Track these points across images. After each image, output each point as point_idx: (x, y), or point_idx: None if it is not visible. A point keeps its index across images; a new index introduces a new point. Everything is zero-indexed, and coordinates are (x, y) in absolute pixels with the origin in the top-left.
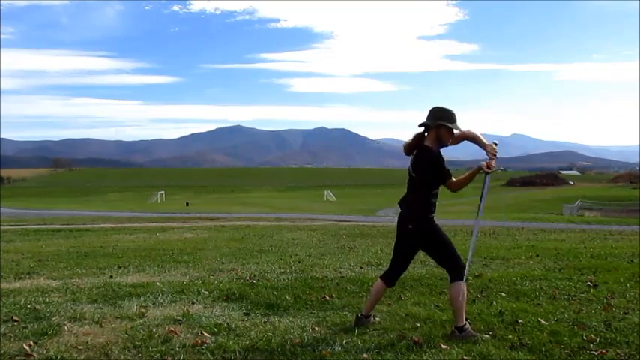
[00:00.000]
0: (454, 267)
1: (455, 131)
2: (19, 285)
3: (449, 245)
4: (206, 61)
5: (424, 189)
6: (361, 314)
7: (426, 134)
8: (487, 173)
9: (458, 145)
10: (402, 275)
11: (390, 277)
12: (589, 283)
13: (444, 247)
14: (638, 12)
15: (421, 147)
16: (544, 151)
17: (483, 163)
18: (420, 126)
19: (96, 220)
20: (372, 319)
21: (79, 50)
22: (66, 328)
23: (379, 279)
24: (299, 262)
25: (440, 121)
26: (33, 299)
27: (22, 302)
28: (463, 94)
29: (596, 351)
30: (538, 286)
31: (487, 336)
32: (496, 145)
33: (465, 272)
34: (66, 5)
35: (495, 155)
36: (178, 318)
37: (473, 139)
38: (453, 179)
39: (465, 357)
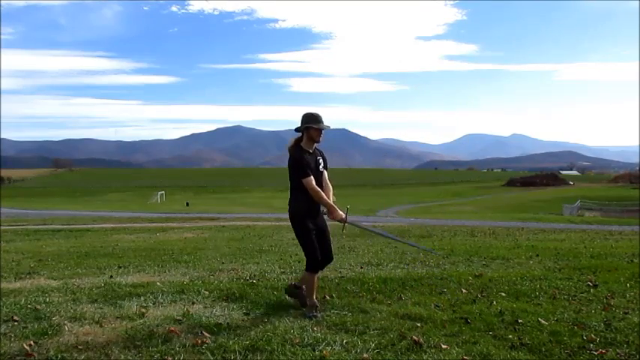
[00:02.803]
0: (306, 256)
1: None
2: (19, 285)
3: (305, 237)
4: (205, 61)
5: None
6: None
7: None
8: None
9: (458, 146)
10: (402, 275)
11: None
12: (589, 283)
13: (301, 237)
14: (638, 12)
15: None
16: (544, 151)
17: (335, 213)
18: (296, 130)
19: (96, 220)
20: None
21: (78, 50)
22: (66, 328)
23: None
24: (299, 262)
25: (307, 124)
26: (33, 299)
27: (22, 302)
28: (463, 94)
29: (596, 351)
30: (538, 286)
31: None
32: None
33: (316, 263)
34: (65, 6)
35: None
36: (178, 318)
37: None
38: (311, 182)
39: (465, 357)
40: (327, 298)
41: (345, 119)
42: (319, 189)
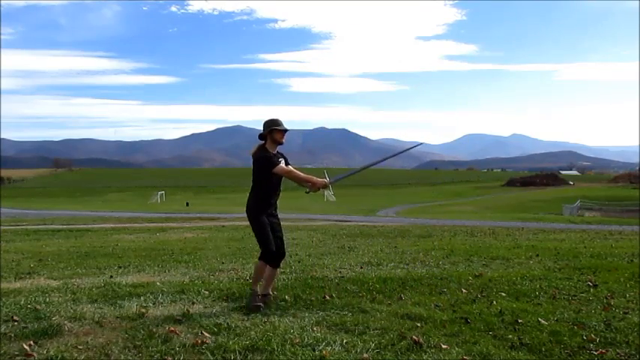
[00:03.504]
0: (261, 247)
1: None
2: (19, 285)
3: (261, 231)
4: (205, 61)
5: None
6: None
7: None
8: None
9: (458, 146)
10: (402, 275)
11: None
12: (589, 283)
13: (258, 231)
14: (638, 12)
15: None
16: (544, 151)
17: (317, 182)
18: (260, 137)
19: (96, 220)
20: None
21: (77, 50)
22: (66, 328)
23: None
24: (299, 262)
25: (270, 127)
26: (33, 299)
27: (22, 302)
28: (463, 94)
29: (596, 351)
30: (538, 286)
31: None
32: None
33: (270, 254)
34: (64, 5)
35: (317, 188)
36: (178, 318)
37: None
38: (282, 166)
39: (465, 357)
40: (327, 298)
41: (345, 119)
42: (290, 168)
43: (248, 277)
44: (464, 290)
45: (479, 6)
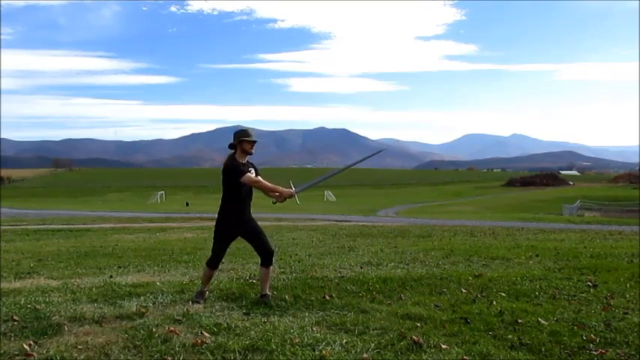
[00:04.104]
0: (212, 252)
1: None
2: (19, 285)
3: (216, 238)
4: (205, 61)
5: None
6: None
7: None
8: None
9: (458, 146)
10: (402, 275)
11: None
12: (589, 283)
13: (214, 236)
14: (638, 12)
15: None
16: (544, 151)
17: (283, 191)
18: (229, 147)
19: (96, 220)
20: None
21: (77, 50)
22: (66, 328)
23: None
24: (299, 262)
25: (240, 138)
26: (33, 299)
27: (22, 302)
28: (463, 94)
29: (596, 351)
30: (538, 286)
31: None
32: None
33: (214, 261)
34: (64, 6)
35: (284, 198)
36: (178, 318)
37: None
38: (250, 176)
39: (465, 357)
40: (327, 298)
41: (345, 119)
42: (258, 179)
43: (248, 277)
44: (464, 290)
45: (478, 6)
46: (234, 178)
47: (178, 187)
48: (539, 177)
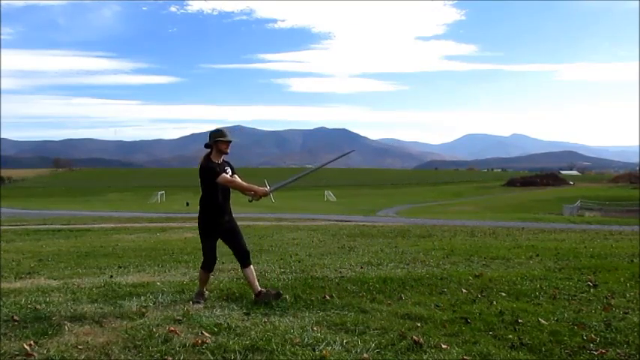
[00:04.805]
0: (203, 256)
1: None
2: (19, 285)
3: (204, 241)
4: (205, 61)
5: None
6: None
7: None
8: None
9: (458, 146)
10: (402, 275)
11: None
12: (589, 283)
13: (201, 239)
14: (638, 12)
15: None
16: (544, 151)
17: (258, 190)
18: (205, 146)
19: (96, 220)
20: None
21: (77, 50)
22: (66, 328)
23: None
24: (299, 262)
25: (215, 138)
26: (33, 299)
27: (23, 302)
28: (463, 94)
29: (596, 351)
30: (538, 286)
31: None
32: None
33: (208, 263)
34: (63, 6)
35: (259, 196)
36: (178, 318)
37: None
38: (225, 176)
39: (465, 357)
40: (327, 297)
41: (345, 119)
42: (233, 179)
43: None
44: (464, 290)
45: (478, 6)
46: (211, 178)
47: (178, 187)
48: (539, 177)
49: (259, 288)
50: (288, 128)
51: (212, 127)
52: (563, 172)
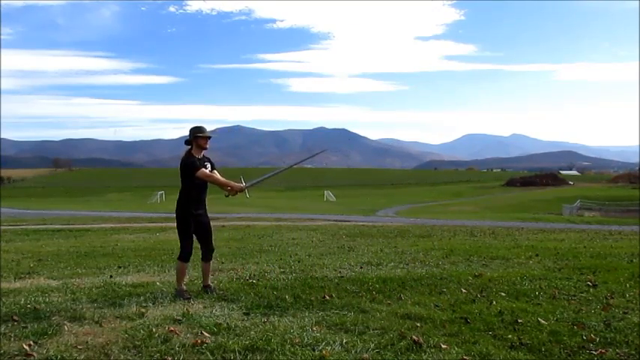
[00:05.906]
0: (180, 248)
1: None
2: (19, 285)
3: (183, 233)
4: (204, 61)
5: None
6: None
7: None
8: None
9: (458, 146)
10: (402, 275)
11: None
12: (589, 283)
13: (180, 231)
14: (638, 12)
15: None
16: (544, 151)
17: (235, 186)
18: (186, 143)
19: (96, 220)
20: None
21: (77, 50)
22: (66, 328)
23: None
24: (299, 262)
25: (194, 134)
26: (33, 299)
27: (22, 302)
28: (463, 94)
29: (595, 351)
30: (538, 286)
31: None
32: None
33: (186, 255)
34: (63, 6)
35: (235, 192)
36: (178, 318)
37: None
38: (205, 171)
39: (464, 357)
40: (327, 297)
41: (345, 119)
42: (211, 174)
43: (248, 277)
44: (464, 290)
45: (478, 6)
46: (191, 172)
47: (178, 187)
48: (539, 177)
49: (209, 282)
50: (288, 128)
51: (212, 127)
52: (562, 172)
